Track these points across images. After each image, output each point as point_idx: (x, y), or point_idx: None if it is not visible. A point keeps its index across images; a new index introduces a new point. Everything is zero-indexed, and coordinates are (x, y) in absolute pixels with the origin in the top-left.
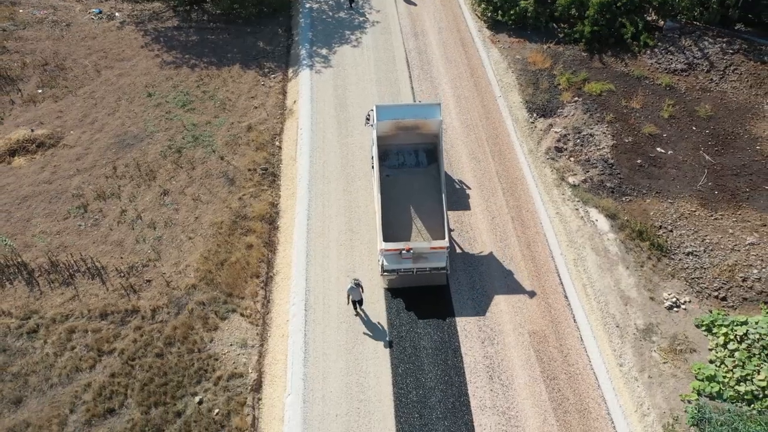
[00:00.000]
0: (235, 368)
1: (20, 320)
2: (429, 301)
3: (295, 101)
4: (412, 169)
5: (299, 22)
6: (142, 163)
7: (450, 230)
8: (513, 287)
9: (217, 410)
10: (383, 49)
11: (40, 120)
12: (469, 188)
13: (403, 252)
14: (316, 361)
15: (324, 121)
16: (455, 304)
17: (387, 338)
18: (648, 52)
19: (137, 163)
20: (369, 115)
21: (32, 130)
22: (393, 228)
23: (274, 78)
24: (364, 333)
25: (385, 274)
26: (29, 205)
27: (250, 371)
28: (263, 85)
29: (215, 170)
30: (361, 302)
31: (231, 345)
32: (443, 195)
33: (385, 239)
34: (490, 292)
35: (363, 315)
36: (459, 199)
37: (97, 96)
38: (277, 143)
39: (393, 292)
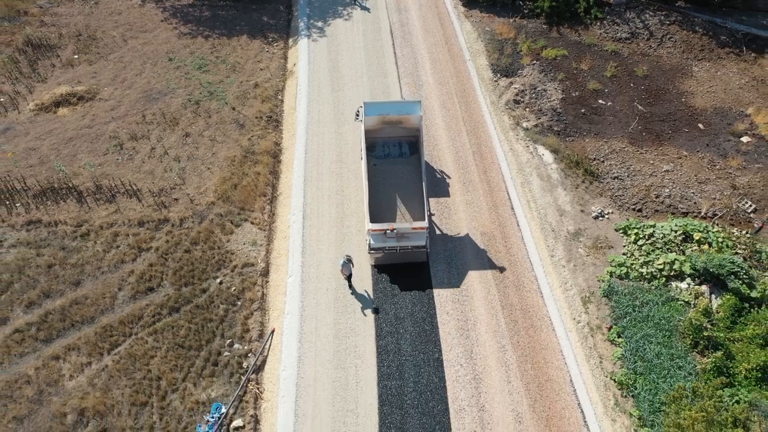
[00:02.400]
0: (248, 260)
1: (74, 227)
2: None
3: (294, 64)
4: (397, 159)
5: (298, 0)
6: (167, 113)
7: (431, 214)
8: (470, 201)
9: (234, 288)
10: (371, 22)
11: (78, 79)
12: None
13: (388, 232)
14: (311, 253)
15: (319, 80)
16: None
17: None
18: (598, 23)
19: (162, 113)
20: (358, 111)
21: (72, 87)
22: (379, 211)
23: (277, 46)
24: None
25: (372, 251)
26: (74, 144)
27: (259, 262)
28: (267, 51)
29: (228, 118)
30: (350, 277)
31: (244, 244)
32: (424, 182)
33: (372, 221)
34: (452, 205)
35: (354, 289)
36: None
37: (125, 60)
38: (279, 97)
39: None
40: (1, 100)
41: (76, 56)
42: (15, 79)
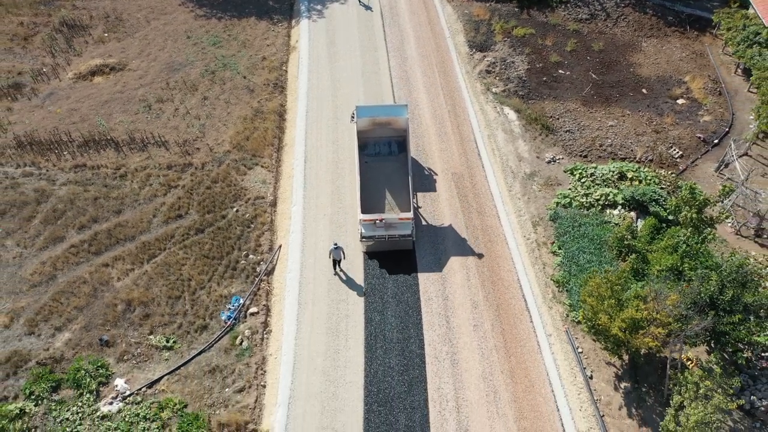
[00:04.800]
0: (259, 194)
1: (113, 170)
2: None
3: (297, 41)
4: (386, 157)
5: None
6: (187, 81)
7: (417, 207)
8: (444, 149)
9: (248, 214)
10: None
11: (109, 54)
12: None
13: (377, 222)
14: (311, 188)
15: (318, 53)
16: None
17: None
18: (562, 6)
19: (183, 81)
20: (353, 114)
21: (104, 60)
22: (370, 203)
23: (281, 26)
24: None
25: (364, 240)
26: (109, 106)
27: (268, 195)
28: (273, 31)
29: (240, 85)
30: (339, 262)
31: (255, 182)
32: (410, 177)
33: (363, 212)
34: (428, 149)
35: (342, 274)
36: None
37: (149, 38)
38: (284, 68)
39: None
40: (45, 70)
41: (106, 34)
42: (54, 53)
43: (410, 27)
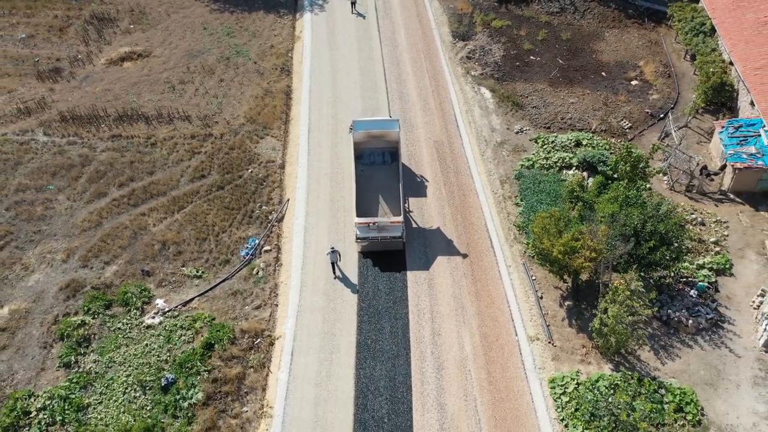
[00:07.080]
0: (270, 158)
1: (145, 139)
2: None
3: (301, 31)
4: (380, 166)
5: None
6: (205, 65)
7: (408, 211)
8: (427, 122)
9: (260, 174)
10: (361, 1)
11: (136, 43)
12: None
13: (371, 225)
14: (314, 153)
15: (319, 41)
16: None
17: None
18: (536, 1)
19: (202, 65)
20: (351, 127)
21: (132, 48)
22: (365, 207)
23: (287, 18)
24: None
25: (359, 241)
26: (138, 87)
27: (278, 159)
28: (279, 23)
29: (251, 69)
30: (336, 263)
31: (266, 149)
32: (401, 185)
33: (358, 215)
34: (414, 121)
35: (339, 273)
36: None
37: (170, 29)
38: (290, 54)
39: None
40: (80, 57)
41: (132, 26)
42: (87, 42)
43: (401, 19)
